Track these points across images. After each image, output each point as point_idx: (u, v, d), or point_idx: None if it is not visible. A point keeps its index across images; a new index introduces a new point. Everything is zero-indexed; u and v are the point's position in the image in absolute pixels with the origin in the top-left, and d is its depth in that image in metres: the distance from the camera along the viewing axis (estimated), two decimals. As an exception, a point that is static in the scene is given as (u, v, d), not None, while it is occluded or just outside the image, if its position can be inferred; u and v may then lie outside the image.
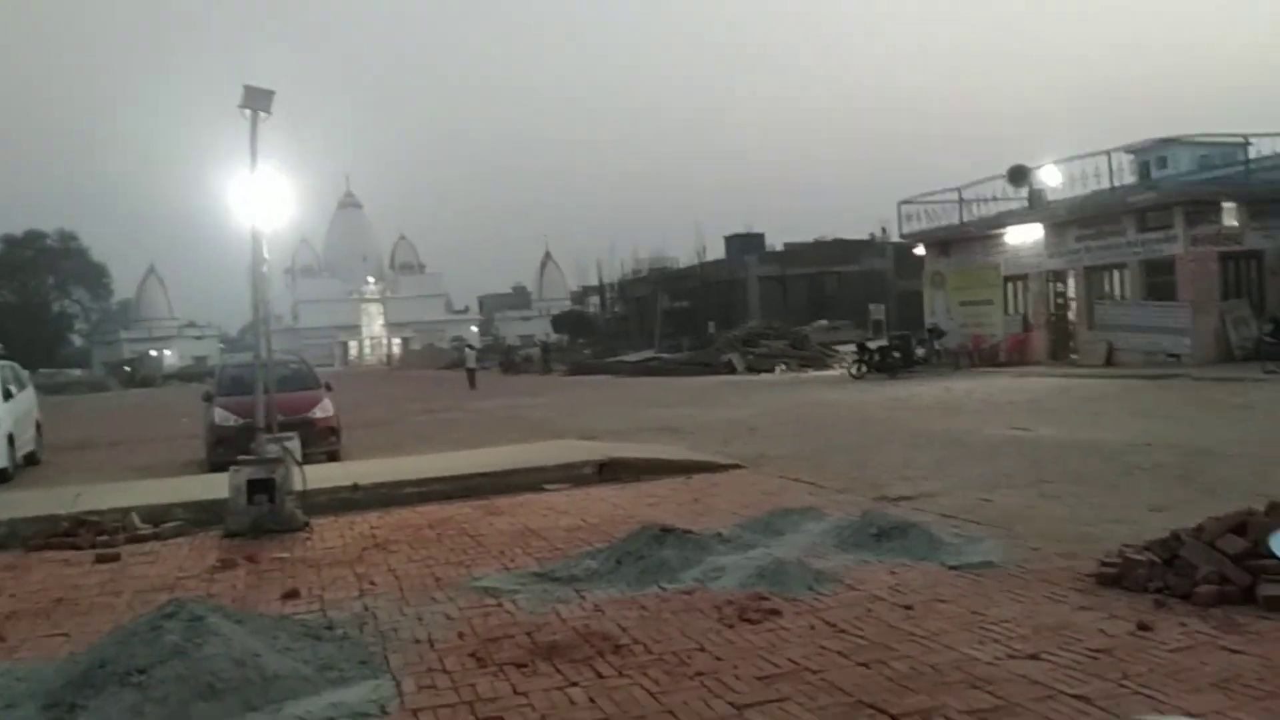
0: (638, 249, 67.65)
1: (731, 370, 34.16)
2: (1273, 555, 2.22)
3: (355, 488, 9.45)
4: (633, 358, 43.67)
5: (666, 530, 6.46)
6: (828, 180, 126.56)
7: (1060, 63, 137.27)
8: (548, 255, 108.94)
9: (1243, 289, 22.69)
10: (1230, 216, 22.66)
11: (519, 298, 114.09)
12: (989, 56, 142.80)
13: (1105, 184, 26.03)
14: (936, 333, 29.03)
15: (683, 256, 64.41)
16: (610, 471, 10.19)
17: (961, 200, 29.67)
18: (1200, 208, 22.58)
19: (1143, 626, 4.51)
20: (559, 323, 76.62)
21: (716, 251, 62.43)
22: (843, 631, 4.78)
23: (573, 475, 10.09)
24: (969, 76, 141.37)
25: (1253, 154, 28.24)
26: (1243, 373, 18.79)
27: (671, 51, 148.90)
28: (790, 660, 4.39)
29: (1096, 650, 4.28)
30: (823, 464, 10.66)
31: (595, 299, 73.46)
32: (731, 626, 4.93)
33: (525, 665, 4.46)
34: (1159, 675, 3.95)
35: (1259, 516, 5.12)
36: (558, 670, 4.38)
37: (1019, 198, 28.52)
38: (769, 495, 8.63)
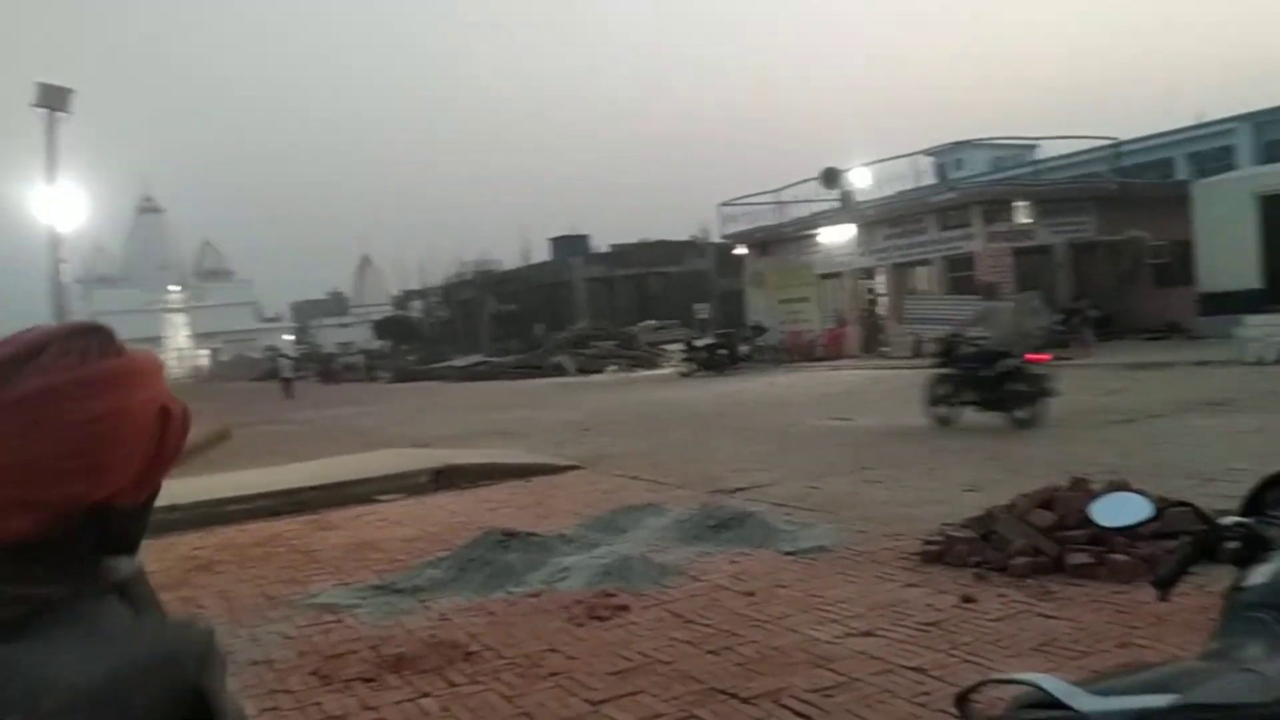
0: (462, 251, 66.92)
1: (562, 372, 34.21)
2: (1096, 525, 2.40)
3: (173, 509, 8.92)
4: (460, 362, 43.05)
5: (510, 534, 6.42)
6: (651, 182, 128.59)
7: (869, 70, 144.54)
8: (366, 259, 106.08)
9: (1035, 281, 24.48)
10: (1022, 214, 24.40)
11: (335, 304, 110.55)
12: (803, 63, 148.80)
13: (910, 185, 27.60)
14: (759, 330, 29.99)
15: (508, 259, 64.16)
16: (446, 479, 10.00)
17: (779, 202, 30.77)
18: (995, 207, 24.23)
19: (966, 599, 4.81)
20: (381, 328, 74.65)
21: (542, 253, 62.51)
22: (690, 622, 4.88)
23: (407, 485, 9.85)
24: (783, 82, 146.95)
25: (1040, 155, 30.53)
26: (1036, 360, 20.27)
27: (492, 54, 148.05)
28: (641, 654, 4.45)
29: (926, 624, 4.53)
30: (659, 461, 10.83)
31: (419, 303, 72.03)
32: (582, 625, 4.94)
33: (373, 679, 4.33)
34: (984, 643, 4.22)
35: (1064, 491, 5.55)
36: (407, 682, 4.28)
37: (832, 199, 29.81)
38: (609, 494, 8.69)
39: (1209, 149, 43.38)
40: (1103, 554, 4.96)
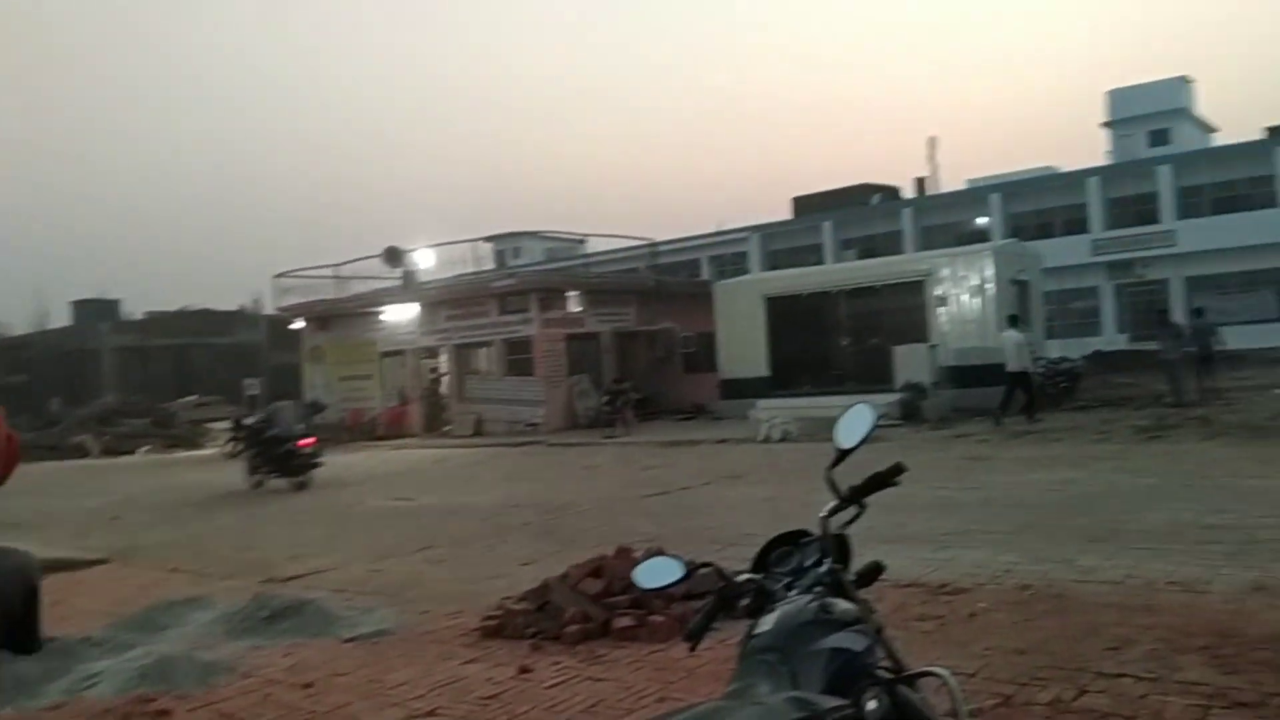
0: (-42, 314, 57.52)
1: (84, 454, 30.36)
2: (639, 588, 2.70)
3: None
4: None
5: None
6: (194, 249, 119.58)
7: (436, 153, 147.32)
8: None
9: (585, 365, 26.25)
10: (574, 303, 26.16)
11: None
12: (367, 139, 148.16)
13: (471, 269, 28.51)
14: (317, 407, 28.93)
15: (18, 323, 56.19)
16: (-68, 581, 8.46)
17: (339, 276, 30.21)
18: (551, 294, 25.75)
19: (523, 669, 5.03)
20: None
21: (62, 318, 55.55)
22: (241, 721, 4.59)
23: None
24: (346, 158, 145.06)
25: (589, 249, 33.03)
26: (588, 437, 21.67)
27: (10, 98, 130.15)
28: (185, 762, 4.10)
29: (486, 697, 4.66)
30: (205, 550, 10.03)
31: (-104, 371, 60.42)
32: (112, 737, 4.45)
33: None
34: (540, 710, 4.44)
35: (610, 559, 6.02)
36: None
37: (395, 277, 29.85)
38: (145, 589, 7.89)
39: (728, 253, 49.84)
40: (644, 616, 5.44)
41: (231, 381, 44.86)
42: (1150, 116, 43.80)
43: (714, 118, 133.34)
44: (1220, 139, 45.43)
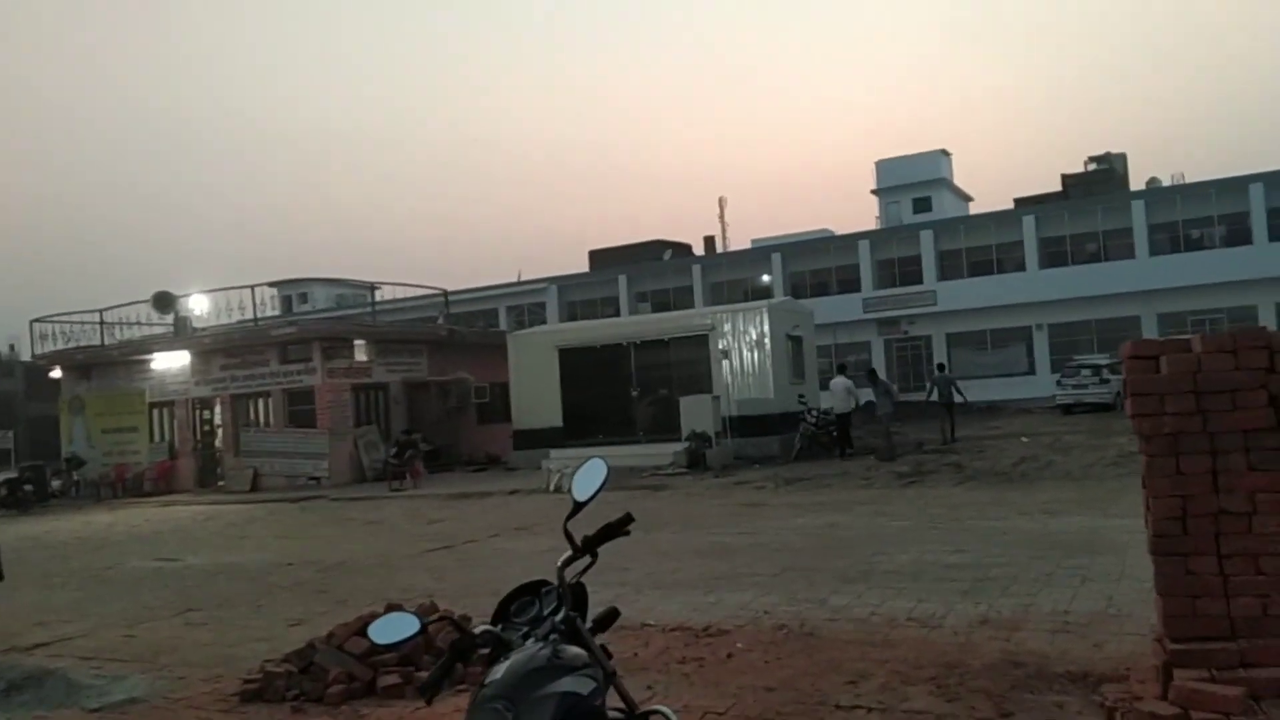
0: None
1: None
2: (374, 643, 2.76)
3: None
4: None
5: None
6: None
7: (216, 194, 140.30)
8: None
9: (373, 416, 25.60)
10: (361, 352, 25.53)
11: None
12: (129, 180, 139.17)
13: (250, 315, 27.34)
14: (75, 462, 26.91)
15: None
16: None
17: (103, 323, 28.28)
18: (336, 343, 25.02)
19: (281, 733, 4.88)
20: None
21: None
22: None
23: None
24: (104, 198, 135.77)
25: (380, 297, 32.40)
26: (374, 491, 21.08)
27: None
28: None
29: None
30: (-69, 620, 9.10)
31: None
32: None
33: None
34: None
35: (380, 617, 5.93)
36: None
37: (165, 323, 28.24)
38: None
39: (527, 304, 50.10)
40: (410, 673, 5.40)
41: (-23, 434, 40.84)
42: (914, 185, 47.62)
43: (515, 170, 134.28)
44: (975, 208, 49.93)
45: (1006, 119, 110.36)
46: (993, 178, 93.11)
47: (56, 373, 29.04)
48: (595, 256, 51.85)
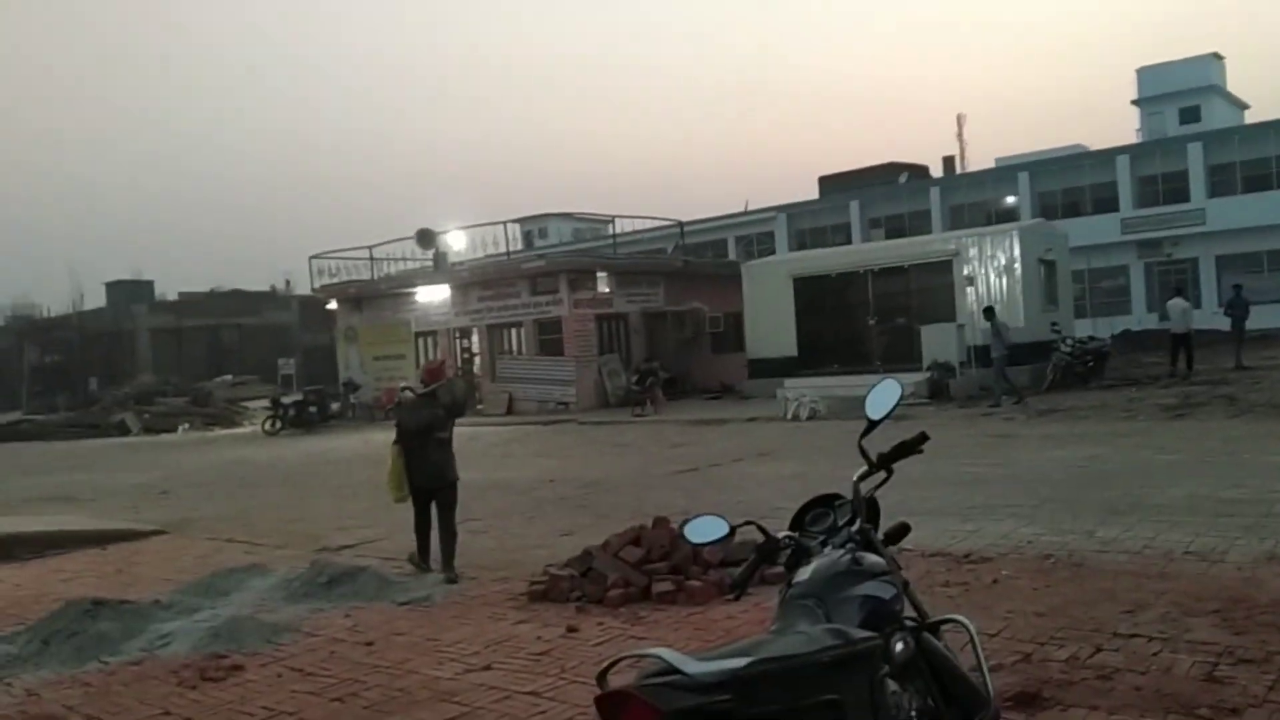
0: (-8, 295, 58.56)
1: (125, 431, 31.13)
2: (687, 541, 3.02)
3: None
4: (-5, 420, 37.50)
5: (99, 602, 6.01)
6: (223, 229, 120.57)
7: (464, 134, 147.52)
8: None
9: (614, 345, 26.55)
10: (603, 283, 26.44)
11: None
12: (394, 119, 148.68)
13: (501, 250, 28.83)
14: (352, 386, 29.49)
15: (54, 304, 57.17)
16: (3, 549, 8.93)
17: (372, 258, 30.62)
18: (580, 275, 26.03)
19: (570, 629, 5.36)
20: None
21: (97, 299, 56.39)
22: (310, 674, 4.95)
23: (-48, 558, 8.66)
24: (374, 137, 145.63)
25: (616, 230, 33.26)
26: (618, 416, 22.00)
27: (35, 81, 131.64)
28: (264, 708, 4.47)
29: (538, 653, 5.00)
30: (254, 522, 10.45)
31: (-63, 353, 61.74)
32: (194, 688, 4.82)
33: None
34: (588, 666, 4.76)
35: (649, 530, 6.34)
36: (-1, 764, 3.96)
37: (426, 259, 30.24)
38: (203, 558, 8.30)
39: (755, 233, 49.90)
40: (682, 581, 5.76)
41: (264, 361, 45.52)
42: (1181, 94, 43.35)
43: (740, 97, 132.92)
44: (1251, 116, 44.93)
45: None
46: (1271, 83, 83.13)
47: (333, 305, 31.79)
48: (825, 182, 50.72)
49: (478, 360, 28.06)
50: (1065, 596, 5.29)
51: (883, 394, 2.95)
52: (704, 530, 2.81)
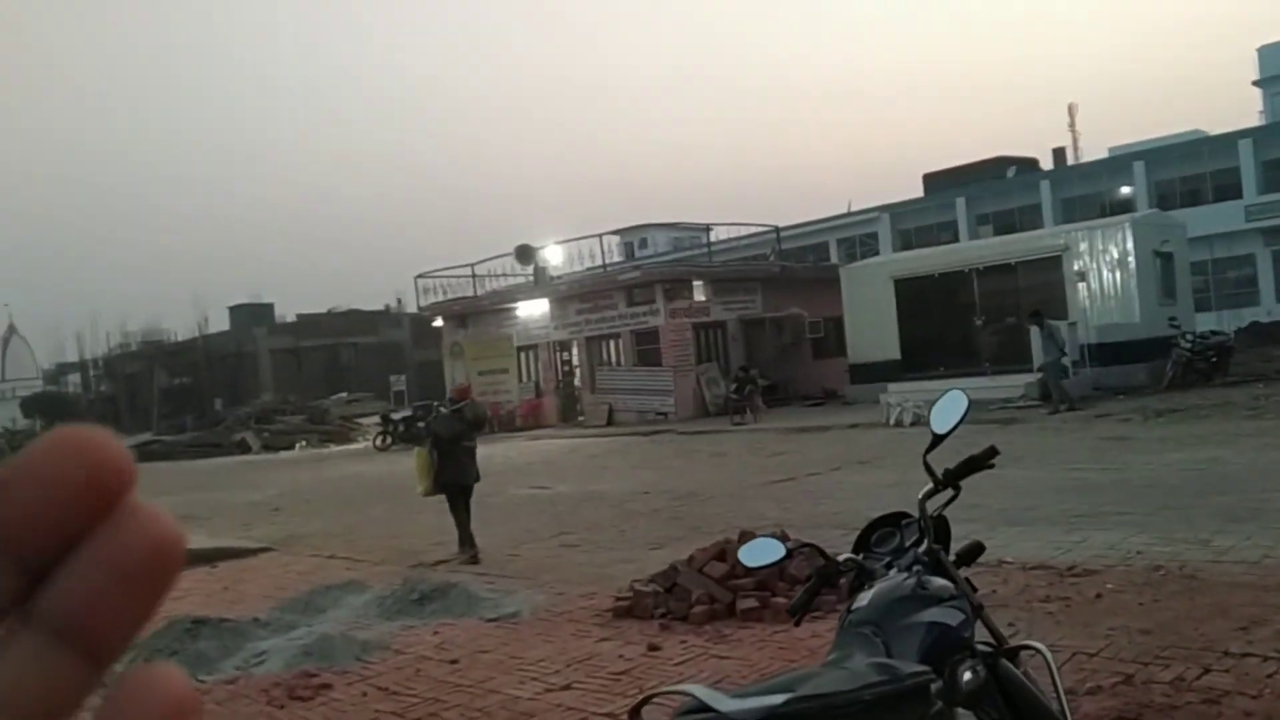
0: (126, 321, 61.65)
1: (246, 449, 32.39)
2: (743, 565, 2.92)
3: None
4: (128, 442, 39.35)
5: (199, 621, 6.20)
6: (340, 251, 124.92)
7: (560, 150, 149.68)
8: (10, 329, 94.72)
9: (712, 353, 26.43)
10: (699, 292, 26.36)
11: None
12: (495, 139, 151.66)
13: (599, 262, 29.04)
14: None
15: (181, 328, 59.92)
16: (121, 568, 9.32)
17: (474, 275, 31.20)
18: (676, 284, 26.01)
19: (652, 647, 5.29)
20: (30, 406, 66.78)
21: (221, 323, 58.92)
22: (395, 693, 5.00)
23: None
24: (476, 157, 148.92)
25: (713, 238, 33.15)
26: (716, 425, 21.86)
27: (154, 109, 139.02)
28: (347, 728, 4.52)
29: (618, 673, 4.95)
30: (357, 538, 10.70)
31: (75, 378, 65.42)
32: (282, 707, 4.92)
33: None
34: (668, 684, 4.68)
35: (735, 544, 6.21)
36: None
37: (525, 274, 30.67)
38: (305, 575, 8.52)
39: (858, 235, 49.10)
40: (767, 598, 5.63)
41: (378, 379, 46.85)
42: (1308, 71, 40.98)
43: (840, 95, 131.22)
44: (1391, 91, 42.11)
45: None
46: None
47: (439, 322, 32.52)
48: (930, 180, 49.59)
49: (578, 373, 28.28)
50: (1174, 612, 4.98)
51: (948, 406, 2.78)
52: (760, 553, 2.71)
